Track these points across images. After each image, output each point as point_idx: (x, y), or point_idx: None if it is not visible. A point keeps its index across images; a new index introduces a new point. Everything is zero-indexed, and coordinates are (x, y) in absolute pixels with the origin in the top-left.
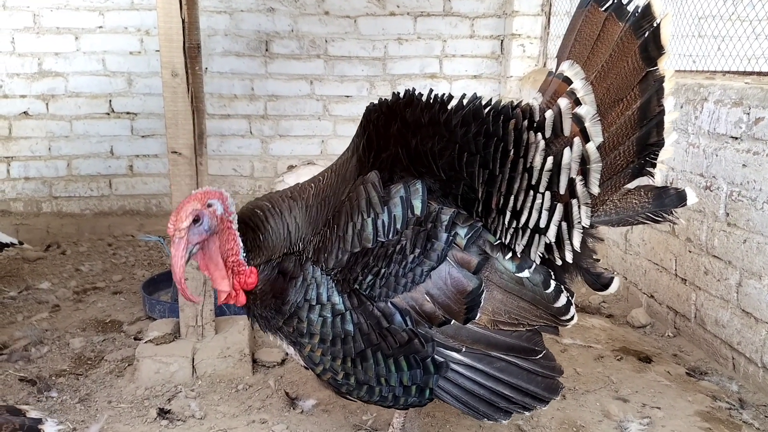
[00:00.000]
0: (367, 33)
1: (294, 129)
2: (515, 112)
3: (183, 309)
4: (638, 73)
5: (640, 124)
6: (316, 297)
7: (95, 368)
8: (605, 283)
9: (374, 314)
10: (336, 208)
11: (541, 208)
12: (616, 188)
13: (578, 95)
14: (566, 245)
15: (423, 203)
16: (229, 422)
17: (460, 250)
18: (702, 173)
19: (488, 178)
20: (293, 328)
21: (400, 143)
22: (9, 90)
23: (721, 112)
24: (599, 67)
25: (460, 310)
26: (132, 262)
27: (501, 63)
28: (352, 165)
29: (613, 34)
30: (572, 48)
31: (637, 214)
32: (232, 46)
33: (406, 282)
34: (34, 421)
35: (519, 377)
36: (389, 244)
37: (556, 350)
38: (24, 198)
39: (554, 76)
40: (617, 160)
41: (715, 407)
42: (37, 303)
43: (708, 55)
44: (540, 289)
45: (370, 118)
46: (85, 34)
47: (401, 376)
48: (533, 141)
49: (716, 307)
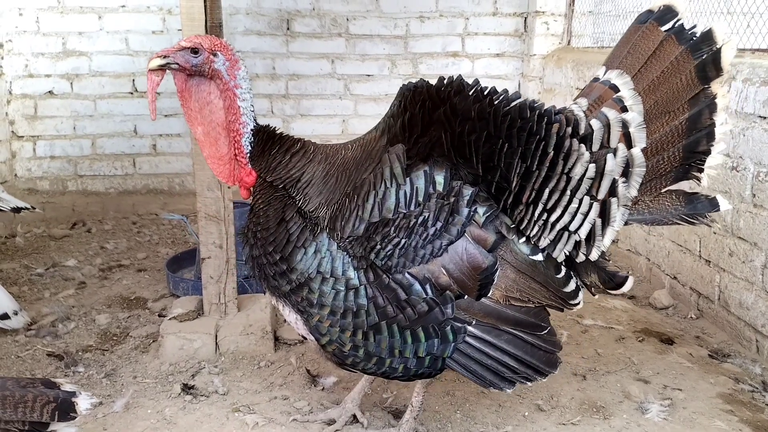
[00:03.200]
0: (389, 11)
1: (315, 108)
2: (558, 117)
3: (206, 287)
4: (692, 89)
5: (689, 133)
6: (331, 270)
7: (120, 344)
8: (619, 282)
9: (391, 287)
10: (356, 182)
11: (577, 211)
12: (656, 190)
13: (626, 103)
14: (597, 242)
15: (446, 180)
16: (252, 398)
17: (477, 227)
18: (729, 153)
19: (524, 172)
20: (302, 298)
21: (444, 129)
22: (34, 69)
23: (749, 91)
24: (650, 80)
25: (473, 286)
26: (156, 241)
27: (524, 41)
28: (380, 144)
29: (671, 54)
30: (624, 59)
31: (670, 216)
32: (253, 25)
33: (425, 254)
34: (68, 394)
35: (524, 350)
36: (411, 215)
37: (577, 331)
38: (50, 176)
39: (600, 82)
40: (660, 164)
41: (738, 389)
42: (63, 280)
43: (737, 32)
44: (552, 273)
45: (413, 100)
46: (108, 13)
47: (417, 347)
48: (575, 149)
49: (741, 289)
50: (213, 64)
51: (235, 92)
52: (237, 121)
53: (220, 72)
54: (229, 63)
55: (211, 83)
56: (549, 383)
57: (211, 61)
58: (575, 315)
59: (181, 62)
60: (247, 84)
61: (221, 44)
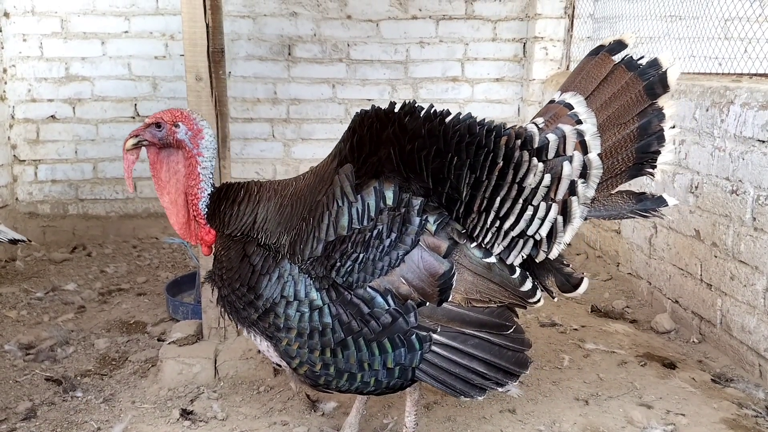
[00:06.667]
0: (389, 36)
1: (316, 132)
2: (508, 131)
3: (206, 311)
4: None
5: (641, 138)
6: (294, 294)
7: (119, 369)
8: (575, 283)
9: (353, 302)
10: (312, 205)
11: (533, 217)
12: (614, 186)
13: (580, 117)
14: (558, 238)
15: (395, 194)
16: (251, 424)
17: (430, 235)
18: (728, 177)
19: (474, 182)
20: (269, 323)
21: (393, 145)
22: (37, 94)
23: (748, 115)
24: (603, 100)
25: (433, 292)
26: (156, 264)
27: (523, 66)
28: (332, 167)
29: (621, 78)
30: (578, 84)
31: (624, 210)
32: (255, 50)
33: (383, 266)
34: None
35: (491, 353)
36: (366, 230)
37: (579, 355)
38: (51, 200)
39: (555, 103)
40: (616, 165)
41: (741, 414)
42: (63, 304)
43: (734, 57)
44: (506, 274)
45: (362, 122)
46: (111, 38)
47: (385, 359)
48: (525, 159)
49: (742, 313)
50: (176, 134)
51: (197, 159)
52: (196, 186)
53: (183, 141)
54: (191, 132)
55: (178, 152)
56: (551, 408)
57: (173, 132)
58: (577, 339)
59: (149, 138)
60: (210, 152)
61: (182, 115)
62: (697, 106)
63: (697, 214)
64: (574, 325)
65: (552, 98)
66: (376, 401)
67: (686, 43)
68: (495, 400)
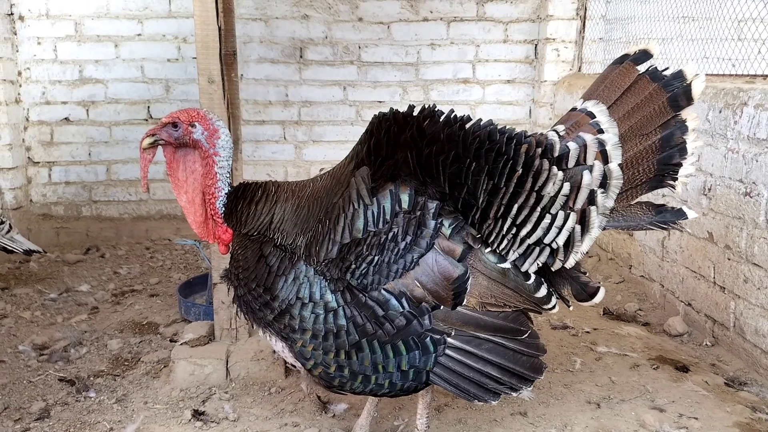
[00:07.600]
0: (400, 39)
1: (327, 134)
2: (528, 139)
3: (218, 312)
4: (665, 116)
5: (662, 150)
6: (309, 295)
7: (132, 369)
8: (591, 292)
9: (368, 305)
10: (328, 207)
11: (551, 225)
12: (633, 197)
13: (602, 126)
14: (575, 248)
15: (411, 197)
16: (262, 425)
17: (445, 239)
18: (741, 179)
19: (491, 189)
20: (285, 324)
21: (410, 149)
22: (51, 96)
23: (762, 117)
24: (626, 109)
25: (448, 295)
26: (168, 266)
27: (535, 67)
28: (348, 170)
29: (645, 89)
30: (601, 92)
31: (643, 222)
32: (267, 53)
33: (398, 269)
34: None
35: (506, 357)
36: (381, 232)
37: (591, 358)
38: (64, 202)
39: (577, 111)
40: (637, 175)
41: (755, 418)
42: (76, 305)
43: (748, 58)
44: (521, 280)
45: (380, 125)
46: (124, 41)
47: (399, 361)
48: (545, 168)
49: (756, 316)
50: (192, 134)
51: (214, 159)
52: (214, 185)
53: (200, 141)
54: (207, 132)
55: (195, 152)
56: (563, 411)
57: (190, 132)
58: (589, 342)
59: (166, 137)
60: (227, 152)
61: (199, 115)
62: (711, 108)
63: (710, 216)
64: (586, 327)
65: (574, 106)
66: (387, 403)
67: (699, 44)
68: (506, 403)
